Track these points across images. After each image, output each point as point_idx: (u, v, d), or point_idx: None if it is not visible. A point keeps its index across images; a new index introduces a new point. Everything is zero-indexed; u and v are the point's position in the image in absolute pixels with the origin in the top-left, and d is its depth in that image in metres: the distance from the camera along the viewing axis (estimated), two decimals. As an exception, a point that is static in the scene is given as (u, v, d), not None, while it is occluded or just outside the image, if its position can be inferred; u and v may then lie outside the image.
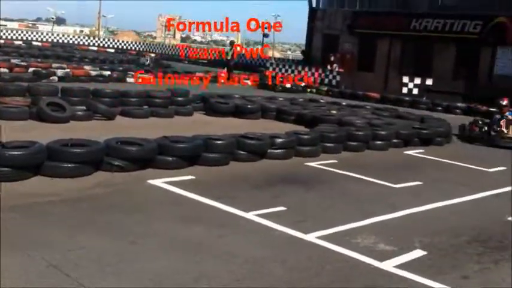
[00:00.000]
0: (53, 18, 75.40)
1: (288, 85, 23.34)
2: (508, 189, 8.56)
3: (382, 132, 11.34)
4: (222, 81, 23.63)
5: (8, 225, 4.94)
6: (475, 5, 26.04)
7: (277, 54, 62.51)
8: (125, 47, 48.44)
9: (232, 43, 28.68)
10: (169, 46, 52.50)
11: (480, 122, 13.88)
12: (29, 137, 7.47)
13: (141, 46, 50.83)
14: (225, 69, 25.14)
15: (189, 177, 7.36)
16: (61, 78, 17.63)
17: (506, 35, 24.12)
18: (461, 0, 26.72)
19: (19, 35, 47.56)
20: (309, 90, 23.98)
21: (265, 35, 51.53)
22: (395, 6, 28.85)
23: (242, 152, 8.58)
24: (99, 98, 12.31)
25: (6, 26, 59.03)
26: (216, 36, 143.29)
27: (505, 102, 13.47)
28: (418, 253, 5.29)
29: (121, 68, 22.83)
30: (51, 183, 6.47)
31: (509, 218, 6.85)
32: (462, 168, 10.17)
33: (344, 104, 17.62)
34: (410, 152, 11.21)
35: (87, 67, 21.22)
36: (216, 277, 4.35)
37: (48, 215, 5.39)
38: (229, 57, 25.82)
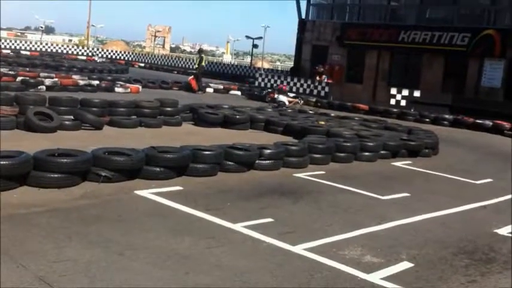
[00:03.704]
0: (41, 27, 75.20)
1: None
2: (494, 201, 8.62)
3: (370, 144, 11.39)
4: (193, 88, 23.55)
5: (-7, 236, 4.90)
6: (462, 17, 26.35)
7: (266, 65, 62.64)
8: (113, 57, 48.38)
9: (200, 51, 28.10)
10: (158, 56, 52.49)
11: None
12: (16, 146, 7.42)
13: (130, 56, 50.81)
14: (192, 77, 24.66)
15: (177, 188, 7.34)
16: (49, 88, 17.56)
17: (493, 48, 24.39)
18: (449, 13, 27.02)
19: (7, 43, 47.36)
20: (297, 101, 24.03)
21: (254, 46, 51.57)
22: (384, 18, 29.11)
23: (230, 163, 8.58)
24: (87, 108, 12.26)
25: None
26: (206, 46, 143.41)
27: None
28: (405, 265, 5.31)
29: (109, 78, 22.79)
30: (38, 193, 6.43)
31: (496, 230, 6.90)
32: (449, 180, 10.22)
33: (332, 115, 17.68)
34: (398, 164, 11.26)
35: (75, 76, 21.15)
36: (203, 289, 4.34)
37: (35, 225, 5.35)
38: (196, 65, 25.34)
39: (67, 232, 5.25)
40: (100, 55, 47.18)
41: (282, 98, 21.40)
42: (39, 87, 17.47)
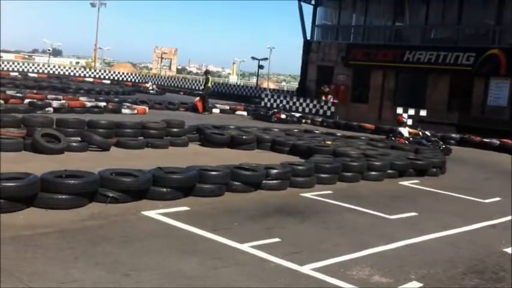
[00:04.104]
0: (49, 50, 75.91)
1: (283, 116, 23.45)
2: (503, 220, 8.56)
3: (377, 163, 11.36)
4: (199, 110, 23.58)
5: (0, 257, 4.89)
6: (467, 37, 26.45)
7: (272, 85, 62.87)
8: (120, 78, 48.70)
9: (207, 72, 28.18)
10: (165, 77, 52.79)
11: None
12: (24, 168, 7.45)
13: (137, 77, 51.12)
14: (198, 98, 24.70)
15: (184, 208, 7.33)
16: (56, 110, 17.67)
17: (498, 67, 24.42)
18: (453, 33, 27.12)
19: (15, 66, 47.84)
20: (303, 121, 24.09)
21: (260, 67, 51.88)
22: (389, 39, 29.24)
23: (237, 183, 8.56)
24: (94, 129, 12.32)
25: (2, 57, 59.33)
26: (212, 67, 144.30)
27: None
28: (414, 285, 5.26)
29: (116, 99, 22.93)
30: (45, 214, 6.43)
31: (505, 249, 6.83)
32: (457, 199, 10.17)
33: (339, 134, 17.69)
34: (405, 183, 11.22)
35: (82, 98, 21.29)
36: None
37: (41, 246, 5.34)
38: (202, 87, 25.51)
39: (74, 253, 5.24)
40: (151, 84, 41.08)
41: (402, 130, 18.77)
42: (46, 109, 17.57)
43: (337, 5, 31.35)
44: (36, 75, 40.93)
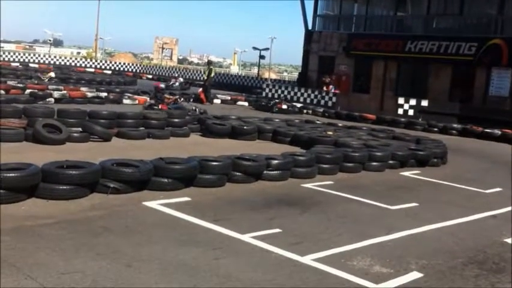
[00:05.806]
0: (50, 40, 75.71)
1: (284, 106, 23.41)
2: (504, 210, 8.56)
3: (378, 154, 11.35)
4: (203, 100, 23.48)
5: (1, 247, 4.90)
6: (469, 27, 26.34)
7: (273, 76, 62.75)
8: (121, 69, 48.63)
9: (209, 63, 28.09)
10: (166, 68, 52.70)
11: None
12: (25, 158, 7.45)
13: (138, 68, 51.05)
14: (201, 89, 24.64)
15: (185, 198, 7.34)
16: (57, 100, 17.66)
17: (500, 57, 24.33)
18: (455, 23, 27.00)
19: (16, 56, 47.76)
20: (305, 111, 24.06)
21: (261, 57, 51.80)
22: (391, 28, 29.12)
23: (238, 174, 8.57)
24: (95, 120, 12.31)
25: (3, 47, 59.23)
26: (213, 57, 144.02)
27: None
28: (414, 275, 5.27)
29: (117, 90, 22.91)
30: (46, 205, 6.44)
31: (506, 240, 6.84)
32: (458, 189, 10.17)
33: (340, 125, 17.67)
34: (407, 173, 11.21)
35: (83, 89, 21.26)
36: (211, 300, 4.31)
37: (43, 237, 5.36)
38: (205, 77, 25.54)
39: (75, 244, 5.25)
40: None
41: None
42: (47, 99, 17.57)
43: (339, -5, 31.21)
44: (37, 65, 40.86)
